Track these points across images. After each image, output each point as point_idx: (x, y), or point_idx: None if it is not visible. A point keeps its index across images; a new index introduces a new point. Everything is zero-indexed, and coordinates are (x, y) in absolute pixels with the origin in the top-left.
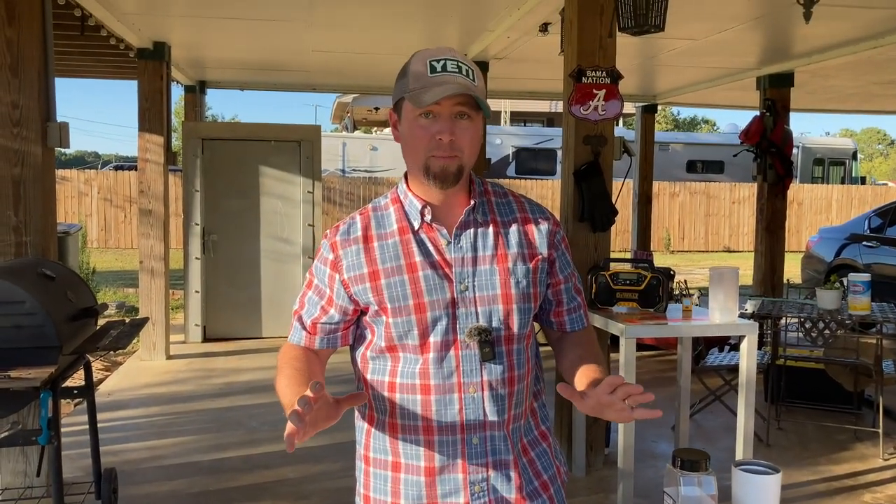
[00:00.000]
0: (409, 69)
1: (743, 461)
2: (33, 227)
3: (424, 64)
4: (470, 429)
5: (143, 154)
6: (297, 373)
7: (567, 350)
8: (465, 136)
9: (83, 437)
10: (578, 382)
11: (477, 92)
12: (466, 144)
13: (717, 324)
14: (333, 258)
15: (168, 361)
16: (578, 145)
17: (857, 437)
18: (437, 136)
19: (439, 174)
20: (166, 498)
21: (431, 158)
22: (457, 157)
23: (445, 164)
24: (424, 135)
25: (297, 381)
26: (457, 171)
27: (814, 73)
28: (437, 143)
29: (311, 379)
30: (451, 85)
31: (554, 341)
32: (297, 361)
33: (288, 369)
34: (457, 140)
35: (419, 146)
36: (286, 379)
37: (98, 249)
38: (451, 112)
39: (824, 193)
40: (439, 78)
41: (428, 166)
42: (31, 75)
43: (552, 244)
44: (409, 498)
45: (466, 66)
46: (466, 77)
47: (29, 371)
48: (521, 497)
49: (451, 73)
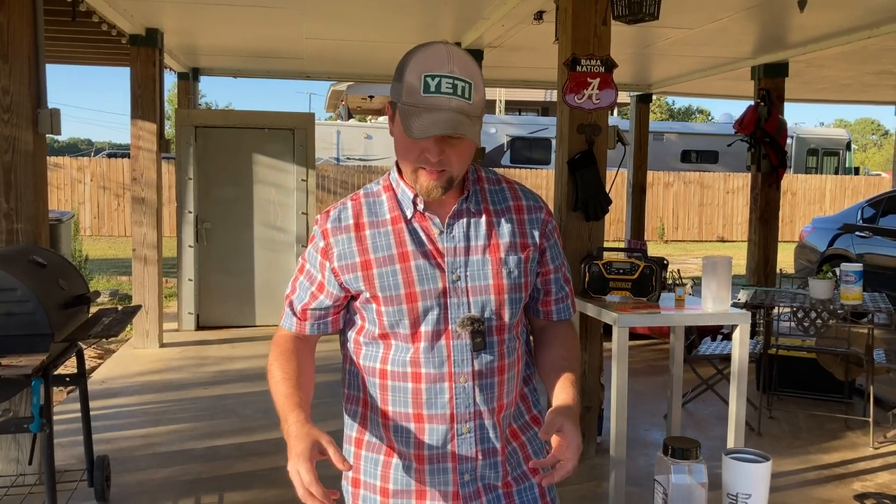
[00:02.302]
0: (404, 76)
1: (733, 449)
2: (24, 214)
3: (419, 78)
4: (460, 418)
5: (136, 141)
6: (288, 376)
7: (549, 344)
8: (454, 152)
9: (75, 425)
10: (553, 398)
11: (470, 112)
12: (455, 159)
13: (710, 313)
14: (324, 245)
15: (161, 349)
16: (573, 134)
17: (847, 426)
18: (426, 154)
19: (424, 190)
20: (160, 485)
21: (420, 171)
22: (445, 171)
23: (432, 185)
24: (414, 147)
25: (286, 388)
26: (445, 184)
27: (809, 62)
28: (425, 161)
29: (300, 384)
30: (441, 115)
31: (537, 329)
32: (288, 361)
33: (279, 371)
34: (446, 157)
35: (408, 157)
36: (278, 384)
37: (91, 237)
38: None
39: (818, 184)
40: (431, 101)
41: (416, 177)
42: (21, 61)
43: (544, 233)
44: (398, 483)
45: (462, 82)
46: (461, 97)
47: (20, 358)
48: (507, 483)
49: (444, 96)
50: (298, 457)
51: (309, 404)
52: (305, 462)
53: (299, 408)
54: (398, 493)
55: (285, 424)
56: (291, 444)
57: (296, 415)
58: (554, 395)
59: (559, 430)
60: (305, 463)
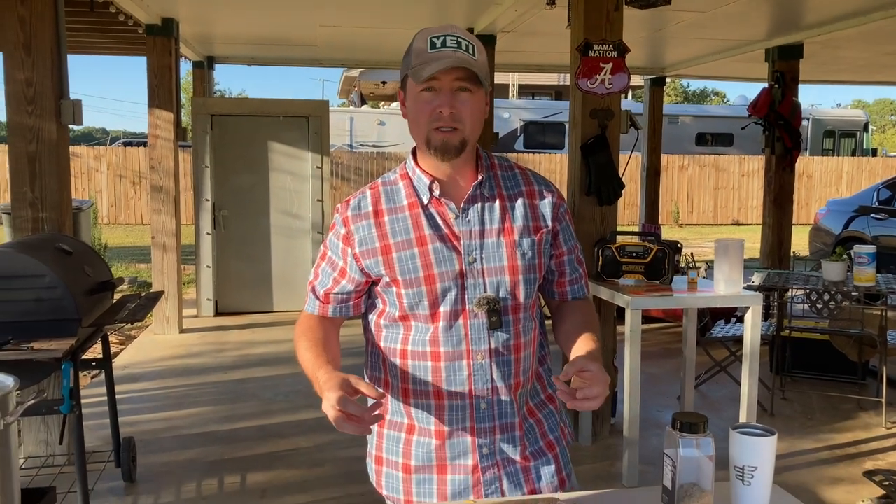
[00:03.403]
0: (412, 47)
1: (741, 424)
2: (49, 202)
3: (426, 41)
4: (478, 394)
5: (154, 130)
6: (315, 344)
7: (566, 315)
8: (466, 109)
9: (99, 409)
10: (572, 353)
11: (476, 66)
12: (467, 116)
13: (722, 295)
14: (345, 233)
15: (181, 335)
16: (585, 119)
17: (860, 407)
18: (438, 109)
19: (440, 147)
20: (184, 466)
21: (433, 132)
22: (458, 129)
23: (446, 139)
24: (426, 109)
25: (314, 354)
26: (459, 145)
27: (824, 44)
28: (438, 116)
29: (328, 352)
30: (449, 59)
31: (554, 309)
32: (313, 332)
33: (305, 340)
34: (457, 112)
35: (422, 120)
36: (305, 352)
37: (109, 226)
38: (451, 86)
39: (834, 166)
40: (439, 53)
41: (430, 139)
42: (44, 53)
43: (556, 217)
44: (419, 459)
45: (466, 41)
46: (466, 52)
47: (50, 343)
48: (525, 457)
49: (450, 49)
50: (329, 390)
51: (338, 367)
52: (336, 391)
53: (328, 363)
54: (420, 468)
55: (317, 382)
56: (322, 389)
57: (325, 369)
58: (574, 349)
59: (582, 371)
60: (336, 391)
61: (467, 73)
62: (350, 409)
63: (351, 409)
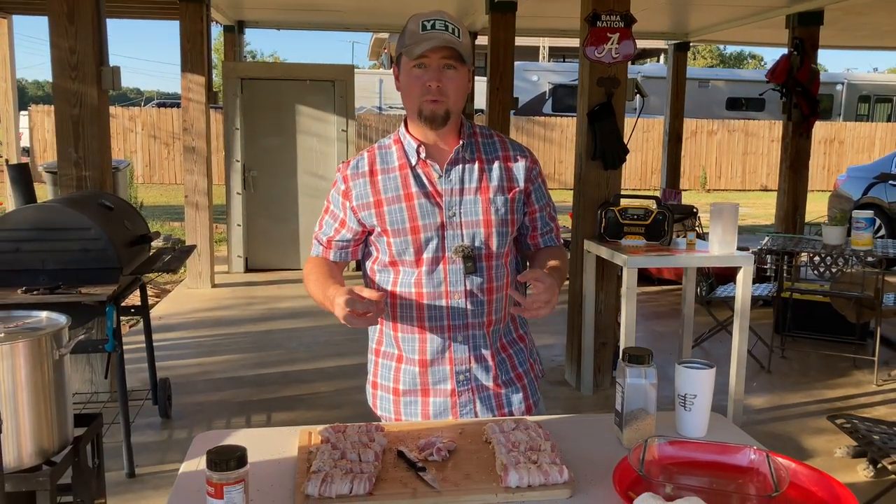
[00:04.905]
0: (406, 29)
1: (686, 360)
2: (91, 162)
3: (418, 24)
4: (455, 328)
5: (186, 93)
6: (323, 275)
7: (537, 253)
8: (451, 84)
9: (137, 355)
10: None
11: (461, 46)
12: (452, 91)
13: (715, 255)
14: (345, 188)
15: (213, 289)
16: (592, 87)
17: (855, 366)
18: (427, 83)
19: (429, 116)
20: (215, 406)
21: (423, 103)
22: (443, 101)
23: (434, 109)
24: (417, 83)
25: (322, 282)
26: (444, 115)
27: (846, 10)
28: (427, 89)
29: (334, 280)
30: (437, 39)
31: (530, 256)
32: (320, 268)
33: (314, 275)
34: (443, 86)
35: (413, 93)
36: (315, 283)
37: (143, 185)
38: (438, 63)
39: (867, 132)
40: (429, 34)
41: (420, 110)
42: (86, 22)
43: (529, 178)
44: (406, 384)
45: (453, 24)
46: (452, 34)
47: (95, 288)
48: (497, 385)
49: (438, 31)
50: (337, 296)
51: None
52: (344, 295)
53: (335, 285)
54: (407, 392)
55: (327, 300)
56: (332, 298)
57: (334, 287)
58: (536, 262)
59: (536, 280)
60: (344, 296)
61: (453, 52)
62: (357, 308)
63: (357, 306)
